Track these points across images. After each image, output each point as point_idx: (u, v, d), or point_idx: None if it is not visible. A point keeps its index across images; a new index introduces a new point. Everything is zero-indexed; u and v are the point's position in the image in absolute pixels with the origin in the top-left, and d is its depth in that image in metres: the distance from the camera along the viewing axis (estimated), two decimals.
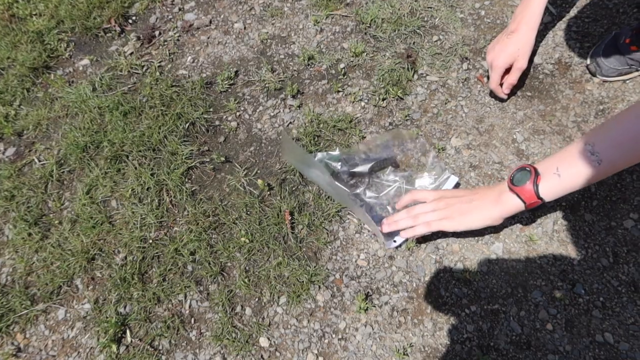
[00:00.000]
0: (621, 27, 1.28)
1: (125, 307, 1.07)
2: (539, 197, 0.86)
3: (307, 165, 1.03)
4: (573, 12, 1.35)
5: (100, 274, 1.12)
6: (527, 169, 0.88)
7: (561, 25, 1.33)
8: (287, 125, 1.25)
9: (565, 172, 0.84)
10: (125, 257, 1.12)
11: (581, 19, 1.34)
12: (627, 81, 1.22)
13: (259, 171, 1.20)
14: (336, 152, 1.14)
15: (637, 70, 1.20)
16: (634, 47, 1.16)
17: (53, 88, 1.41)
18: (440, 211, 0.97)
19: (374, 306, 1.02)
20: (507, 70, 1.14)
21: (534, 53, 1.29)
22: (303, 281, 1.05)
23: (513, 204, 0.90)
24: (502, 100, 1.22)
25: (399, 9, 1.40)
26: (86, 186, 1.22)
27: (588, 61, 1.25)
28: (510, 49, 1.10)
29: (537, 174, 0.86)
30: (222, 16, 1.49)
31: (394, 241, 1.05)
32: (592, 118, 1.18)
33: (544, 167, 0.86)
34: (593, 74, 1.23)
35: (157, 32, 1.48)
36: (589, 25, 1.32)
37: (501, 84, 1.17)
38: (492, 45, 1.16)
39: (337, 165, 1.12)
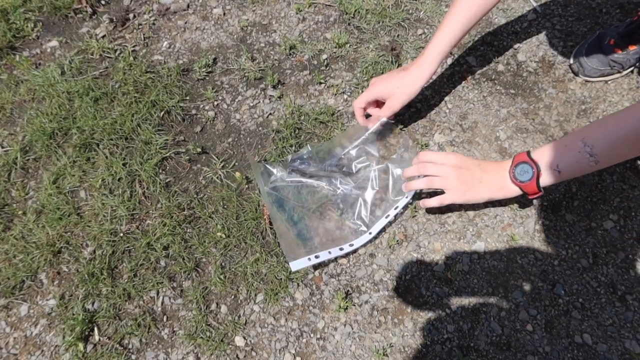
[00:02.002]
0: (604, 27, 1.28)
1: (93, 304, 1.02)
2: (539, 190, 0.90)
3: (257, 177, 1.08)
4: (557, 10, 1.35)
5: (66, 268, 1.06)
6: (529, 164, 0.90)
7: (545, 23, 1.32)
8: (267, 117, 1.21)
9: (565, 169, 0.87)
10: (94, 251, 1.06)
11: (565, 17, 1.33)
12: (609, 82, 1.22)
13: (236, 163, 1.16)
14: (305, 150, 1.11)
15: (619, 72, 1.20)
16: (618, 49, 1.16)
17: (18, 70, 1.33)
18: (451, 180, 0.96)
19: (354, 305, 0.99)
20: (382, 104, 1.08)
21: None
22: (281, 278, 1.01)
23: (516, 192, 0.94)
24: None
25: (383, 1, 1.37)
26: (53, 175, 1.15)
27: (571, 60, 1.24)
28: (392, 84, 1.03)
29: (538, 170, 0.89)
30: (200, 1, 1.43)
31: (406, 197, 1.05)
32: (575, 118, 1.17)
33: (545, 162, 0.88)
34: (576, 74, 1.23)
35: (131, 15, 1.41)
36: (572, 24, 1.32)
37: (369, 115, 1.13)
38: (385, 74, 1.11)
39: (275, 172, 1.10)
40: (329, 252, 1.00)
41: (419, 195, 1.07)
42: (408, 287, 1.01)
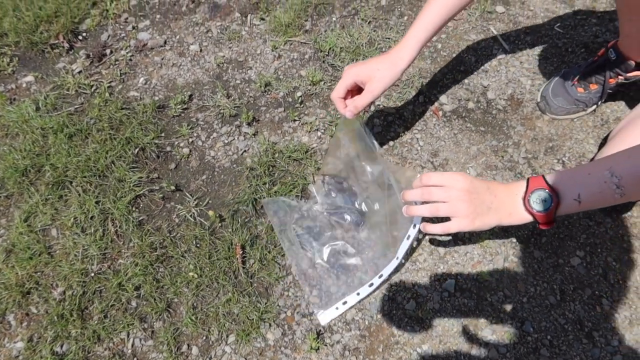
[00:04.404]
0: (570, 66, 1.33)
1: (62, 346, 1.01)
2: (554, 221, 0.81)
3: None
4: (525, 49, 1.39)
5: (35, 309, 1.05)
6: (548, 193, 0.79)
7: (514, 62, 1.37)
8: (242, 154, 1.22)
9: (586, 200, 0.78)
10: (64, 292, 1.05)
11: (532, 56, 1.38)
12: (575, 120, 1.26)
13: (210, 201, 1.16)
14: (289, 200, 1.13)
15: (584, 110, 1.24)
16: (581, 88, 1.20)
17: None
18: (459, 206, 0.83)
19: (326, 345, 0.99)
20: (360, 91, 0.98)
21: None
22: (253, 319, 1.01)
23: (526, 220, 0.83)
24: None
25: (357, 39, 1.40)
26: (24, 213, 1.15)
27: (538, 99, 1.28)
28: (372, 66, 0.96)
29: (558, 199, 0.79)
30: (177, 37, 1.45)
31: (414, 226, 0.95)
32: (542, 155, 1.20)
33: (564, 191, 0.79)
34: (543, 112, 1.27)
35: (108, 51, 1.42)
36: (539, 63, 1.36)
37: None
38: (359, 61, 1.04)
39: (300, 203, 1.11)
40: (358, 294, 1.00)
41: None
42: (380, 326, 1.01)
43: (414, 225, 0.96)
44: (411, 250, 1.08)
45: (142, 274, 1.06)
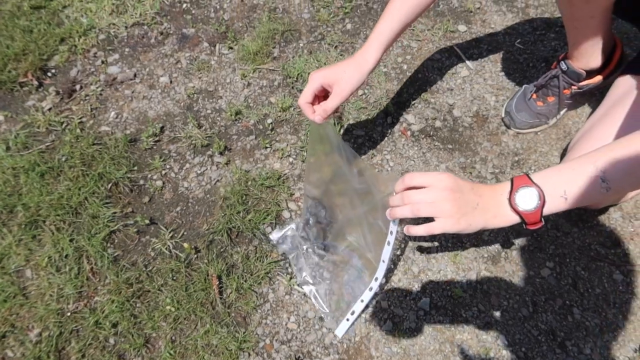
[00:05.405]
0: (531, 81, 1.37)
1: None
2: (541, 220, 0.78)
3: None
4: (488, 66, 1.43)
5: (12, 353, 1.04)
6: (534, 190, 0.76)
7: (478, 79, 1.41)
8: (215, 184, 1.23)
9: (573, 196, 0.76)
10: (40, 333, 1.05)
11: (495, 72, 1.42)
12: (539, 133, 1.29)
13: (185, 233, 1.17)
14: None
15: (546, 123, 1.28)
16: (540, 102, 1.24)
17: None
18: (443, 205, 0.79)
19: None
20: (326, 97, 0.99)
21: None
22: (232, 349, 1.02)
23: (513, 221, 0.80)
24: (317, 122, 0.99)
25: (325, 63, 1.43)
26: None
27: (503, 114, 1.32)
28: (338, 69, 0.96)
29: (544, 196, 0.76)
30: (147, 69, 1.46)
31: (390, 232, 0.92)
32: (509, 169, 1.24)
33: (550, 188, 0.77)
34: (508, 127, 1.30)
35: (78, 86, 1.43)
36: (502, 79, 1.40)
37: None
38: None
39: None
40: (362, 301, 1.03)
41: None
42: (358, 349, 1.02)
43: (391, 232, 0.92)
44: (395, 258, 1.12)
45: (119, 311, 1.06)
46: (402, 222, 0.97)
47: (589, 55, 1.13)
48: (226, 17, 1.56)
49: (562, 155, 1.24)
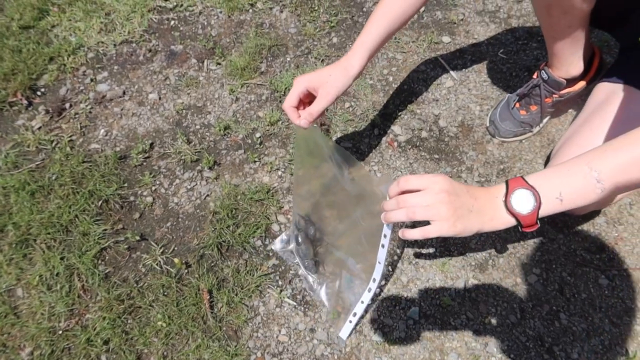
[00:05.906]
0: (514, 90, 1.39)
1: None
2: (537, 222, 0.77)
3: None
4: (472, 76, 1.46)
5: None
6: (530, 192, 0.76)
7: (462, 89, 1.43)
8: (205, 199, 1.24)
9: (568, 198, 0.76)
10: (32, 352, 1.05)
11: (479, 82, 1.44)
12: (523, 141, 1.32)
13: (176, 248, 1.18)
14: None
15: (530, 131, 1.30)
16: (523, 111, 1.26)
17: None
18: (439, 208, 0.77)
19: None
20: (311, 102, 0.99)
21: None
22: None
23: (509, 224, 0.79)
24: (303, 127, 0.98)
25: None
26: None
27: (487, 123, 1.34)
28: (323, 73, 0.97)
29: (540, 198, 0.76)
30: (136, 87, 1.47)
31: (384, 235, 0.90)
32: (495, 178, 1.26)
33: (546, 190, 0.76)
34: (492, 135, 1.33)
35: (67, 105, 1.44)
36: (486, 89, 1.43)
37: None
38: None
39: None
40: (362, 302, 1.03)
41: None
42: None
43: (384, 235, 0.91)
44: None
45: (111, 327, 1.06)
46: (396, 225, 0.98)
47: (569, 63, 1.16)
48: (214, 33, 1.59)
49: (547, 162, 1.27)
